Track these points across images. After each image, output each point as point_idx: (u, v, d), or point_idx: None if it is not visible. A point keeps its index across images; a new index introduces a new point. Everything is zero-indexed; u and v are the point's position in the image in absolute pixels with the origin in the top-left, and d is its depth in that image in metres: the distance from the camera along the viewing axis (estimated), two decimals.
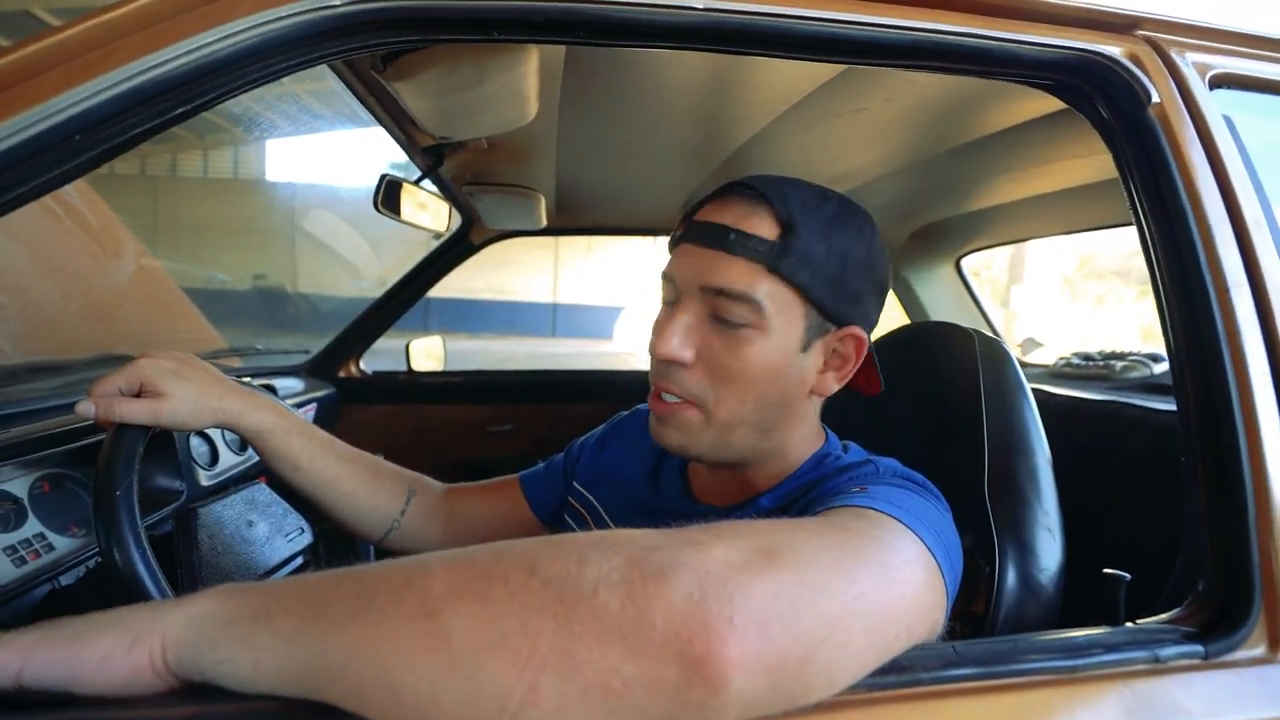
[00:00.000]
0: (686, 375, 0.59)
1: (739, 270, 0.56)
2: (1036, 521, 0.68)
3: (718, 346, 0.58)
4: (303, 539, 0.92)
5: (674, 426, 0.60)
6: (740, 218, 0.58)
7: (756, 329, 0.57)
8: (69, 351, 1.13)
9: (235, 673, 0.35)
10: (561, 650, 0.31)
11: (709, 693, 0.31)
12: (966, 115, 1.06)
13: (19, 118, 0.38)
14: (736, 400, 0.58)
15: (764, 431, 0.61)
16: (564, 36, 0.51)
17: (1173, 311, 0.54)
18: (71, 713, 0.35)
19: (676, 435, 0.60)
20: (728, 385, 0.58)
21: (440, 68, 0.71)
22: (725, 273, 0.57)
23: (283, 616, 0.35)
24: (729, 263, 0.57)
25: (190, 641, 0.36)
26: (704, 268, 0.58)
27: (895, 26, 0.53)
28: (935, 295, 2.01)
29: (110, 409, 0.62)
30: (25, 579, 0.75)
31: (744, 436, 0.60)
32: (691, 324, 0.58)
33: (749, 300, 0.56)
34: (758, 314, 0.56)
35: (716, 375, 0.58)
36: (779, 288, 0.57)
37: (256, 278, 10.82)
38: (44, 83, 0.38)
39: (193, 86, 0.43)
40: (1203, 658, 0.45)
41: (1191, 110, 0.58)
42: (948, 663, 0.41)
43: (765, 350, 0.57)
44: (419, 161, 1.23)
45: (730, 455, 0.62)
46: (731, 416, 0.59)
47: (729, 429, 0.60)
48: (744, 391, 0.58)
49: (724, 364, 0.58)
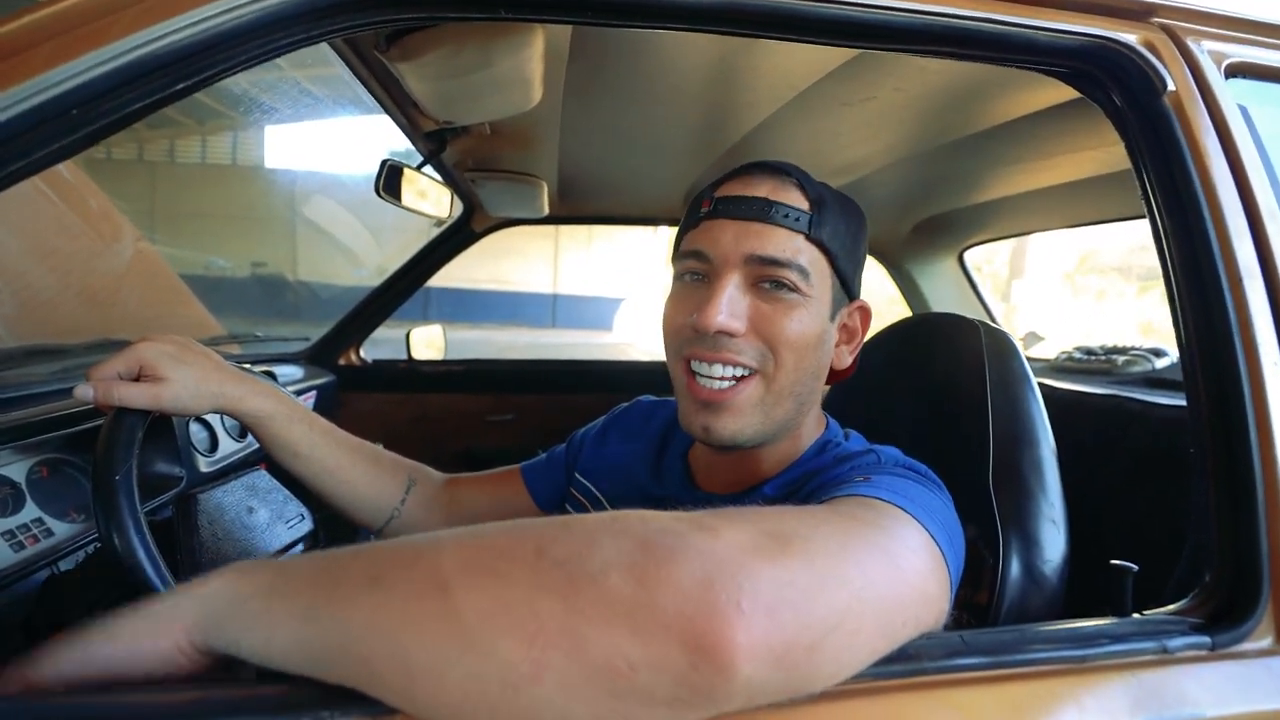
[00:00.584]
0: (741, 344, 0.58)
1: (782, 238, 0.58)
2: (1041, 513, 0.68)
3: (768, 312, 0.58)
4: (303, 526, 0.92)
5: (730, 411, 0.59)
6: (774, 190, 0.59)
7: (802, 295, 0.58)
8: (66, 336, 1.12)
9: (252, 647, 0.35)
10: (569, 630, 0.31)
11: (715, 677, 0.31)
12: (974, 105, 1.05)
13: (14, 90, 0.37)
14: (792, 366, 0.59)
15: (800, 407, 0.62)
16: (572, 16, 0.51)
17: (1184, 302, 0.53)
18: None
19: (729, 421, 0.59)
20: (786, 349, 0.58)
21: (445, 49, 0.70)
22: (771, 240, 0.58)
23: (295, 593, 0.35)
24: (772, 232, 0.58)
25: (209, 621, 0.37)
26: (746, 237, 0.58)
27: (911, 10, 0.52)
28: (937, 287, 2.00)
29: (109, 393, 0.62)
30: (24, 564, 0.75)
31: (787, 410, 0.61)
32: (735, 295, 0.58)
33: (795, 266, 0.57)
34: (804, 280, 0.58)
35: (773, 339, 0.58)
36: (816, 255, 0.59)
37: (255, 265, 10.78)
38: (40, 55, 0.37)
39: (192, 62, 0.42)
40: (1210, 649, 0.45)
41: (1207, 99, 0.57)
42: (955, 652, 0.40)
43: (811, 316, 0.59)
44: (421, 147, 1.22)
45: (770, 433, 0.61)
46: (786, 384, 0.59)
47: (779, 401, 0.59)
48: (798, 358, 0.59)
49: (780, 328, 0.57)
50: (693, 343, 0.59)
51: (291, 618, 0.35)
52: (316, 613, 0.34)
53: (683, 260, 0.62)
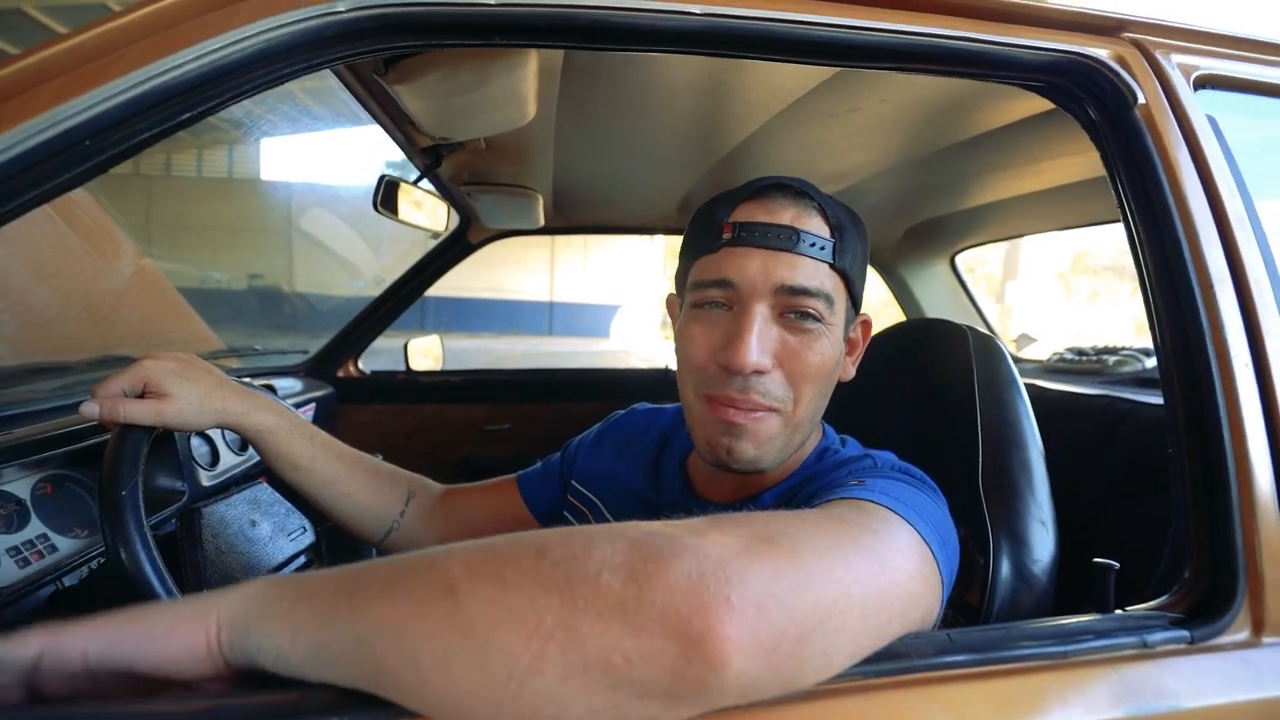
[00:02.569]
0: (768, 381, 0.57)
1: (810, 268, 0.57)
2: (1030, 514, 0.69)
3: (795, 347, 0.58)
4: (305, 538, 0.93)
5: (751, 439, 0.58)
6: (797, 217, 0.59)
7: (826, 324, 0.58)
8: (68, 353, 1.13)
9: (276, 647, 0.37)
10: (566, 625, 0.33)
11: (707, 670, 0.32)
12: (960, 115, 1.07)
13: (30, 123, 0.39)
14: (810, 397, 0.59)
15: (814, 426, 0.63)
16: (563, 41, 0.52)
17: (1159, 307, 0.55)
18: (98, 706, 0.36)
19: (751, 449, 0.58)
20: (806, 384, 0.58)
21: (441, 70, 0.71)
22: (800, 271, 0.57)
23: (321, 596, 0.37)
24: (800, 261, 0.57)
25: (240, 621, 0.38)
26: (776, 268, 0.57)
27: (889, 30, 0.54)
28: (930, 292, 2.02)
29: (115, 410, 0.63)
30: (29, 580, 0.76)
31: (805, 434, 0.61)
32: (764, 328, 0.57)
33: (823, 295, 0.58)
34: (829, 309, 0.58)
35: (796, 376, 0.58)
36: (838, 282, 0.60)
37: (251, 277, 10.77)
38: (53, 89, 0.39)
39: (200, 92, 0.43)
40: (1189, 643, 0.46)
41: (1176, 111, 0.59)
42: (942, 649, 0.42)
43: (831, 343, 0.59)
44: (417, 162, 1.23)
45: (788, 456, 0.61)
46: (805, 415, 0.59)
47: (798, 430, 0.60)
48: (817, 388, 0.59)
49: (804, 363, 0.57)
50: (717, 383, 0.58)
51: (313, 620, 0.37)
52: (336, 615, 0.36)
53: (704, 289, 0.60)
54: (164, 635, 0.38)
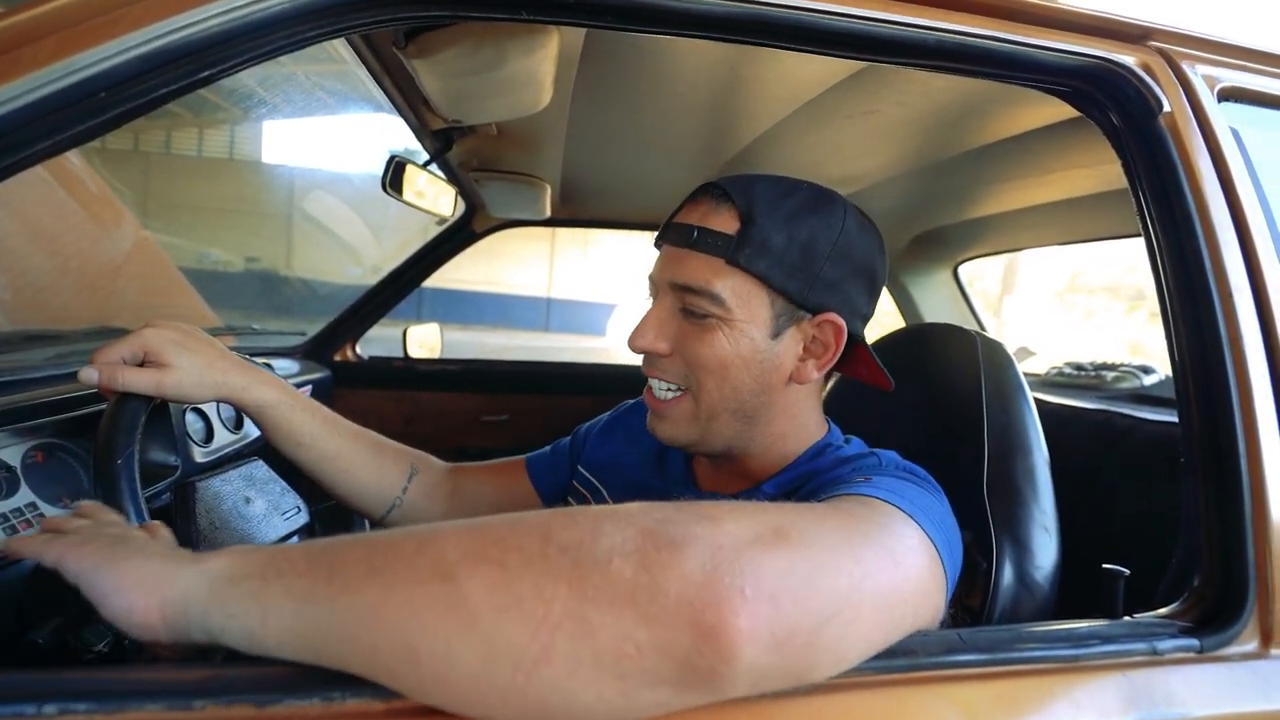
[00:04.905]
0: (667, 364, 0.63)
1: (700, 266, 0.60)
2: (1034, 520, 0.69)
3: (690, 337, 0.61)
4: (299, 518, 0.91)
5: (666, 420, 0.64)
6: (704, 216, 0.61)
7: (721, 320, 0.60)
8: (65, 321, 1.12)
9: (244, 629, 0.35)
10: (575, 614, 0.32)
11: (719, 661, 0.32)
12: (974, 121, 1.07)
13: (48, 69, 0.38)
14: (714, 387, 0.61)
15: (747, 419, 0.63)
16: (591, 19, 0.52)
17: (1177, 315, 0.55)
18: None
19: (667, 428, 0.64)
20: (704, 373, 0.61)
21: (462, 47, 0.71)
22: (688, 269, 0.60)
23: (294, 576, 0.36)
24: (692, 259, 0.60)
25: (199, 599, 0.37)
26: (671, 265, 0.62)
27: (919, 26, 0.54)
28: (932, 301, 2.02)
29: (114, 377, 0.62)
30: None
31: (726, 424, 0.63)
32: (664, 318, 0.62)
33: (709, 294, 0.59)
34: (720, 306, 0.59)
35: (692, 364, 0.61)
36: (740, 279, 0.59)
37: (249, 259, 10.70)
38: (75, 36, 0.38)
39: (222, 49, 0.42)
40: (1198, 651, 0.46)
41: (1200, 121, 0.59)
42: (953, 648, 0.41)
43: (732, 339, 0.60)
44: (428, 145, 1.22)
45: (718, 445, 0.64)
46: (713, 404, 0.62)
47: (712, 417, 0.62)
48: (720, 379, 0.61)
49: (696, 353, 0.61)
50: (644, 359, 0.65)
51: (288, 600, 0.35)
52: (314, 597, 0.35)
53: (647, 280, 0.67)
54: (114, 591, 0.37)
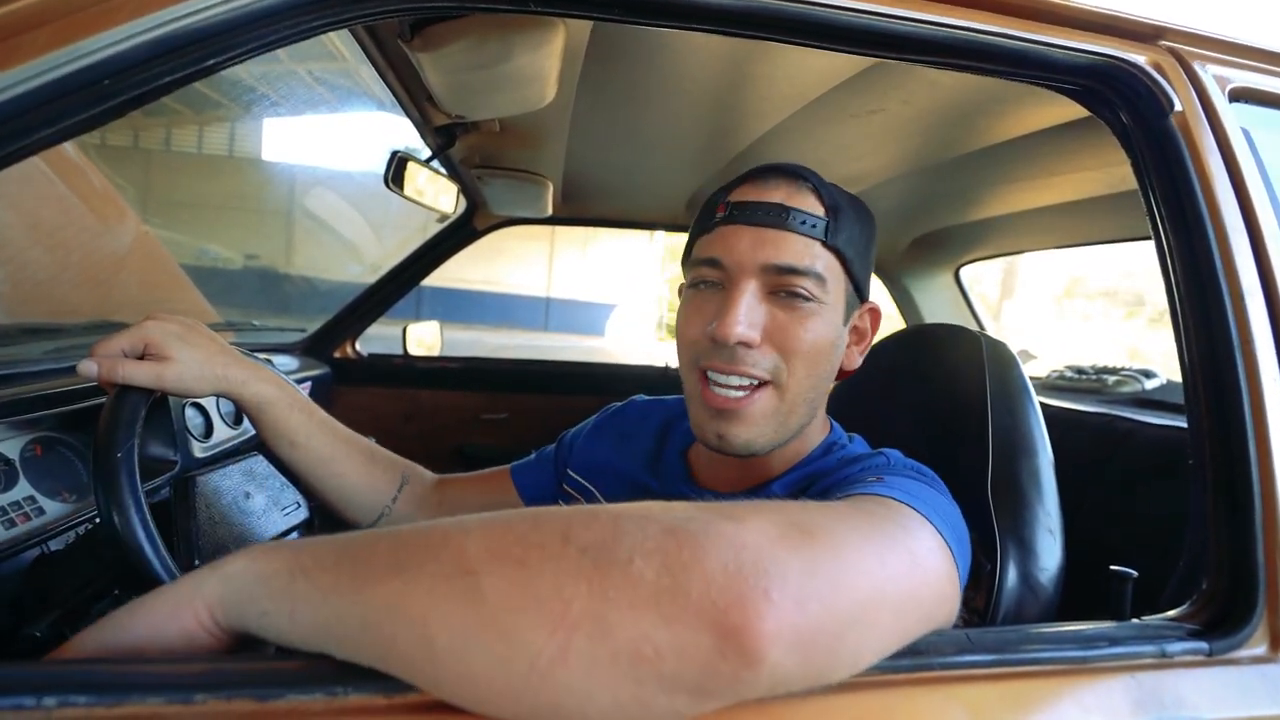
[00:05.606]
0: (757, 354, 0.58)
1: (800, 245, 0.58)
2: (1038, 522, 0.69)
3: (784, 321, 0.58)
4: (299, 514, 0.91)
5: (743, 420, 0.58)
6: (790, 195, 0.59)
7: (818, 302, 0.58)
8: (64, 315, 1.11)
9: (275, 625, 0.36)
10: (594, 614, 0.31)
11: (742, 664, 0.31)
12: (979, 121, 1.07)
13: (51, 56, 0.37)
14: (805, 374, 0.59)
15: (812, 409, 0.62)
16: (598, 12, 0.51)
17: (1187, 316, 0.54)
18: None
19: (744, 430, 0.58)
20: (798, 360, 0.58)
21: (468, 40, 0.70)
22: (789, 248, 0.57)
23: (319, 571, 0.36)
24: (790, 239, 0.58)
25: (232, 599, 0.37)
26: (766, 246, 0.58)
27: (931, 22, 0.53)
28: (933, 303, 2.02)
29: (114, 370, 0.61)
30: (14, 541, 0.74)
31: (801, 416, 0.61)
32: (753, 303, 0.58)
33: (813, 274, 0.57)
34: (820, 287, 0.58)
35: (787, 350, 0.58)
36: (832, 261, 0.59)
37: (249, 256, 10.69)
38: (80, 22, 0.38)
39: (227, 37, 0.42)
40: (1207, 654, 0.46)
41: (1212, 121, 0.59)
42: (961, 649, 0.41)
43: (826, 323, 0.59)
44: (430, 141, 1.22)
45: (784, 439, 0.61)
46: (800, 392, 0.59)
47: (794, 408, 0.60)
48: (811, 366, 0.59)
49: (793, 338, 0.57)
50: (710, 354, 0.59)
51: (314, 595, 0.35)
52: (340, 592, 0.35)
53: (697, 267, 0.61)
54: (155, 631, 0.36)
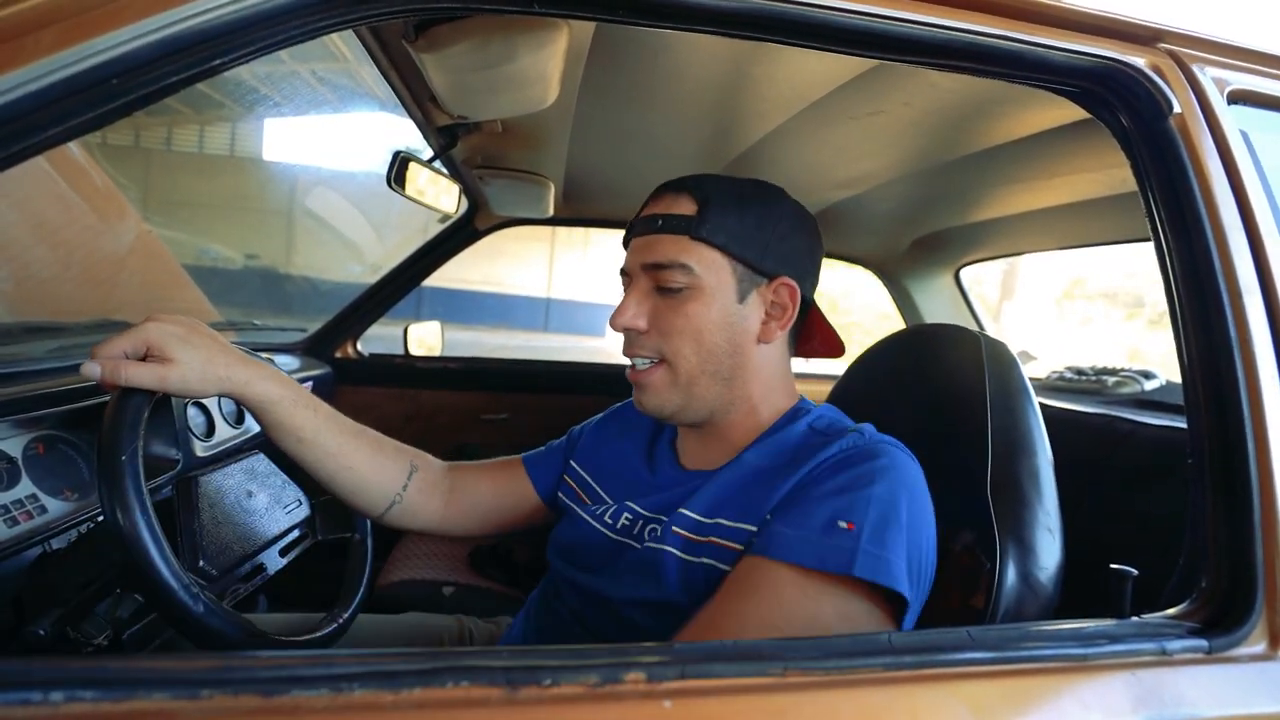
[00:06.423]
0: (645, 339, 0.70)
1: (667, 244, 0.68)
2: (1037, 521, 0.69)
3: (665, 310, 0.69)
4: (300, 511, 0.91)
5: (647, 390, 0.70)
6: (666, 205, 0.70)
7: (692, 289, 0.67)
8: (66, 314, 1.11)
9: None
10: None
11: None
12: (979, 123, 1.07)
13: (60, 55, 0.37)
14: (691, 350, 0.68)
15: (725, 381, 0.70)
16: (603, 13, 0.51)
17: (1186, 316, 0.55)
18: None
19: (651, 398, 0.71)
20: (680, 339, 0.68)
21: (472, 41, 0.70)
22: (658, 249, 0.68)
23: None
24: (660, 241, 0.69)
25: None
26: (642, 250, 0.70)
27: (930, 24, 0.54)
28: (933, 304, 2.03)
29: (116, 372, 0.61)
30: (17, 539, 0.74)
31: (708, 387, 0.69)
32: (640, 298, 0.70)
33: (679, 265, 0.67)
34: (690, 275, 0.67)
35: (668, 333, 0.68)
36: (704, 250, 0.67)
37: (249, 256, 10.69)
38: (88, 22, 0.38)
39: (235, 37, 0.42)
40: (1206, 652, 0.46)
41: (1210, 123, 0.59)
42: (962, 645, 0.41)
43: (704, 304, 0.68)
44: (433, 141, 1.22)
45: (703, 410, 0.71)
46: (691, 368, 0.69)
47: (692, 381, 0.69)
48: (695, 343, 0.68)
49: (672, 322, 0.68)
50: (625, 342, 0.72)
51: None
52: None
53: (620, 276, 0.75)
54: None
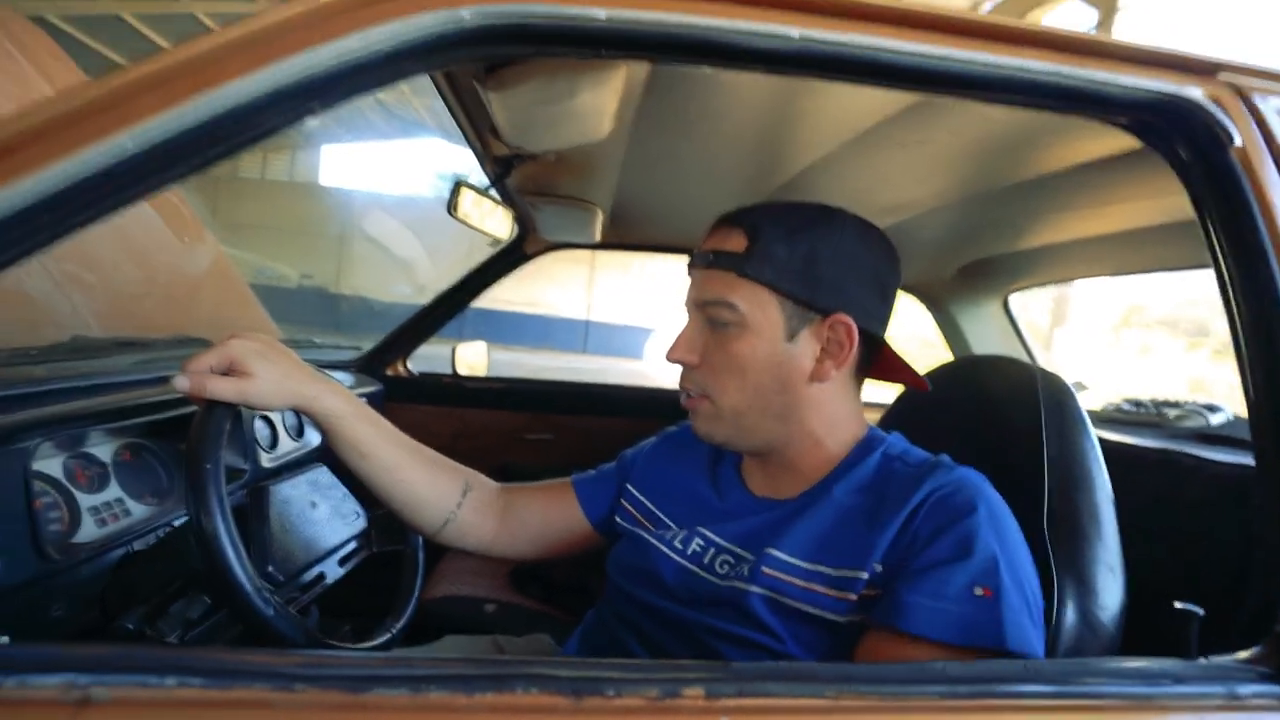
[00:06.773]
0: (694, 374, 0.72)
1: (717, 281, 0.69)
2: (1098, 559, 0.67)
3: (714, 346, 0.70)
4: (358, 523, 0.95)
5: (697, 417, 0.73)
6: (719, 241, 0.71)
7: (739, 326, 0.68)
8: (148, 330, 1.19)
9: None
10: None
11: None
12: (1029, 152, 1.06)
13: (189, 104, 0.42)
14: (735, 389, 0.69)
15: (778, 417, 0.70)
16: (665, 56, 0.54)
17: (1251, 350, 0.54)
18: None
19: (700, 424, 0.73)
20: (725, 376, 0.69)
21: (537, 80, 0.75)
22: (707, 286, 0.70)
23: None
24: (710, 276, 0.70)
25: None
26: (695, 287, 0.72)
27: (987, 64, 0.55)
28: (980, 332, 1.98)
29: (202, 385, 0.66)
30: (106, 540, 0.80)
31: (758, 421, 0.70)
32: (692, 334, 0.72)
33: (725, 303, 0.68)
34: (736, 313, 0.68)
35: (715, 369, 0.70)
36: (751, 288, 0.68)
37: (304, 276, 11.15)
38: (216, 71, 0.43)
39: (332, 85, 0.47)
40: (1279, 699, 0.44)
41: (1274, 153, 0.58)
42: (1020, 678, 0.41)
43: (750, 343, 0.68)
44: (489, 170, 1.28)
45: (756, 440, 0.72)
46: (735, 404, 0.70)
47: (738, 415, 0.70)
48: (739, 381, 0.69)
49: (718, 360, 0.70)
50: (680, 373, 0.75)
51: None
52: None
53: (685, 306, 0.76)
54: None
